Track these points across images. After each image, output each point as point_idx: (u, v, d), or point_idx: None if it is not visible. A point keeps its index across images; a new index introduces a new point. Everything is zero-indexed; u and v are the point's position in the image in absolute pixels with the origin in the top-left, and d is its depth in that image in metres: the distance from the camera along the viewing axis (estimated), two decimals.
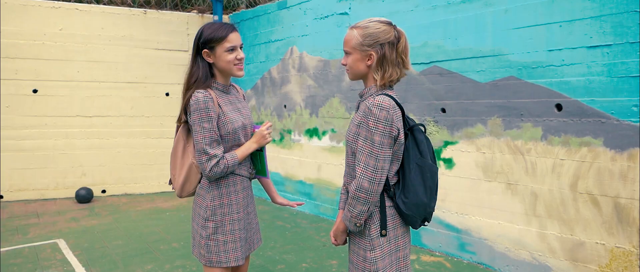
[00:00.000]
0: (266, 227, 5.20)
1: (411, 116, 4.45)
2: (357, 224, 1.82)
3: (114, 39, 6.72)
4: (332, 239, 1.99)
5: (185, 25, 7.16)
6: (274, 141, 6.48)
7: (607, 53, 3.17)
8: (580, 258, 3.35)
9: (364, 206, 1.78)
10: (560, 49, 3.40)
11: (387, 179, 1.83)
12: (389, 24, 1.85)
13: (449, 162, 4.17)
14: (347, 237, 1.99)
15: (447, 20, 4.12)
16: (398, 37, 1.84)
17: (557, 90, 3.43)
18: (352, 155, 1.89)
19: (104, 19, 6.67)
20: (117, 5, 7.02)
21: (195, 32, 7.05)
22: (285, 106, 6.26)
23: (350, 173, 1.93)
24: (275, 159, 6.44)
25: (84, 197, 6.33)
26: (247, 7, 7.55)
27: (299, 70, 5.97)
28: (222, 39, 2.10)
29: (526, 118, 3.61)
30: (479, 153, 3.93)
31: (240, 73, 2.17)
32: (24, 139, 6.36)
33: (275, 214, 5.78)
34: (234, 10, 7.60)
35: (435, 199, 1.90)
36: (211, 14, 7.28)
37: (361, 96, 1.93)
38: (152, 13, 6.97)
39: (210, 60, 2.15)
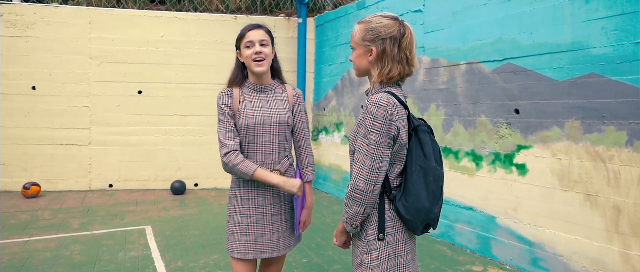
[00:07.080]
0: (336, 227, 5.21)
1: (483, 118, 4.16)
2: (353, 225, 1.77)
3: (206, 43, 7.24)
4: (334, 239, 1.95)
5: (273, 28, 7.43)
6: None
7: None
8: None
9: (360, 207, 1.71)
10: None
11: (388, 181, 1.75)
12: (395, 18, 1.79)
13: (521, 168, 3.80)
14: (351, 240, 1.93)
15: (522, 13, 3.77)
16: (402, 33, 1.76)
17: None
18: (352, 154, 1.83)
19: (198, 26, 7.21)
20: (211, 12, 7.55)
21: (281, 35, 7.35)
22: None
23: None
24: None
25: (178, 189, 6.91)
26: (333, 8, 7.63)
27: None
28: (242, 36, 2.23)
29: (609, 121, 3.16)
30: (555, 159, 3.53)
31: (258, 69, 2.19)
32: (130, 135, 7.14)
33: None
34: (320, 13, 7.73)
35: (439, 205, 1.76)
36: (297, 17, 7.49)
37: (367, 94, 1.87)
38: (241, 18, 7.38)
39: (242, 60, 2.27)
